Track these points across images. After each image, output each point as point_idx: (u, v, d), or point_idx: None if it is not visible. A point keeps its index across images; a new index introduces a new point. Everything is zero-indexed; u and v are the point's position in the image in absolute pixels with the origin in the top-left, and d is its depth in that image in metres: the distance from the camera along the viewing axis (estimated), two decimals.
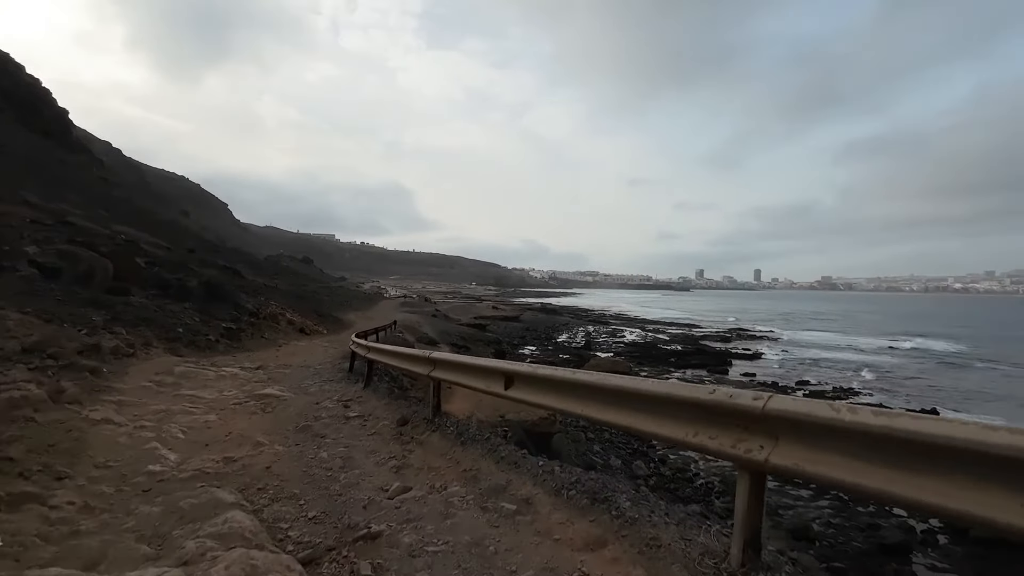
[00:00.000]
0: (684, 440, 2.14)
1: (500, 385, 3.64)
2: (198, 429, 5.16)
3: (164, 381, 7.80)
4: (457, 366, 4.44)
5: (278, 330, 18.60)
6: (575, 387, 2.96)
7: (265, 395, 7.28)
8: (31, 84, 57.26)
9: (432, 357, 4.98)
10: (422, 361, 5.19)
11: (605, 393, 2.73)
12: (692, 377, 32.36)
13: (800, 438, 1.81)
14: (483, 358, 3.86)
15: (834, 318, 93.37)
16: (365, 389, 7.69)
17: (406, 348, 5.89)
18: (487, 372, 3.95)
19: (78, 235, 13.30)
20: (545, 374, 3.29)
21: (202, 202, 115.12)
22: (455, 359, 4.59)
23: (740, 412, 2.02)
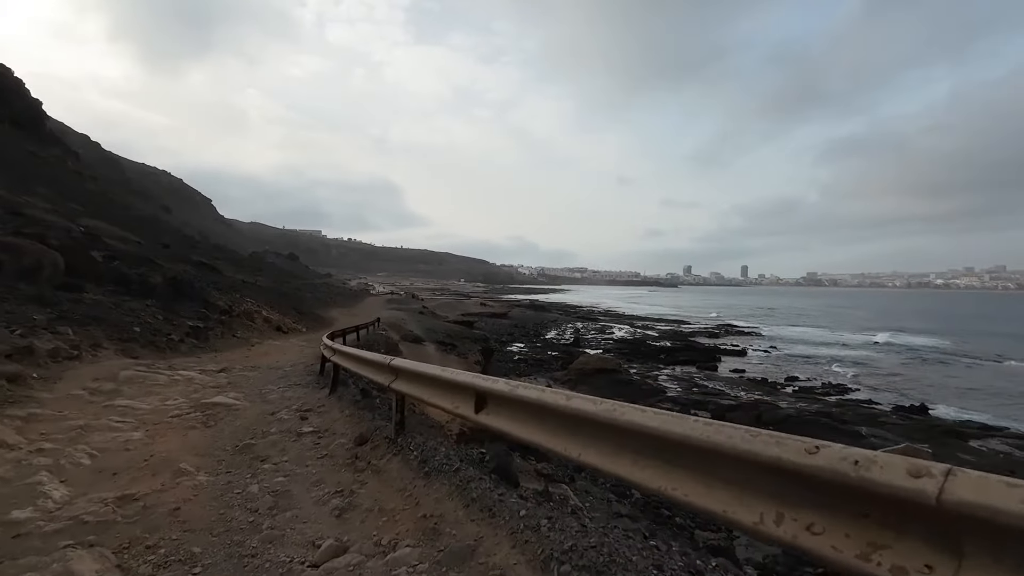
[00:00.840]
0: (754, 528, 1.24)
1: (471, 406, 2.77)
2: (113, 452, 4.25)
3: (101, 388, 6.85)
4: (421, 378, 3.57)
5: (252, 328, 17.56)
6: (570, 419, 2.08)
7: (213, 404, 6.35)
8: (2, 74, 55.05)
9: (393, 365, 4.10)
10: (382, 369, 4.29)
11: (618, 433, 1.81)
12: (682, 374, 31.88)
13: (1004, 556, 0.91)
14: (452, 370, 3.00)
15: (820, 314, 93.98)
16: (330, 396, 6.80)
17: (368, 353, 5.00)
18: (455, 388, 3.08)
19: (27, 226, 12.16)
20: (528, 396, 2.33)
21: (184, 198, 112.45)
22: (419, 369, 3.70)
23: (882, 495, 1.10)
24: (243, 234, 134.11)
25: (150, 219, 49.67)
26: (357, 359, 5.39)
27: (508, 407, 2.49)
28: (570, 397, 2.08)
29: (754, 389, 28.39)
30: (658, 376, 31.49)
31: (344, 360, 6.12)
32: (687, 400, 24.79)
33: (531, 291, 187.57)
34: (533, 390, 2.33)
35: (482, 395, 2.73)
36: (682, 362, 35.55)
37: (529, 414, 2.31)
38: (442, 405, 3.07)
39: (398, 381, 3.90)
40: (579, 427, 1.98)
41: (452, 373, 3.07)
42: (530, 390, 2.34)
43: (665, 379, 30.83)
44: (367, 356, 4.91)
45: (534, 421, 2.27)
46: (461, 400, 2.96)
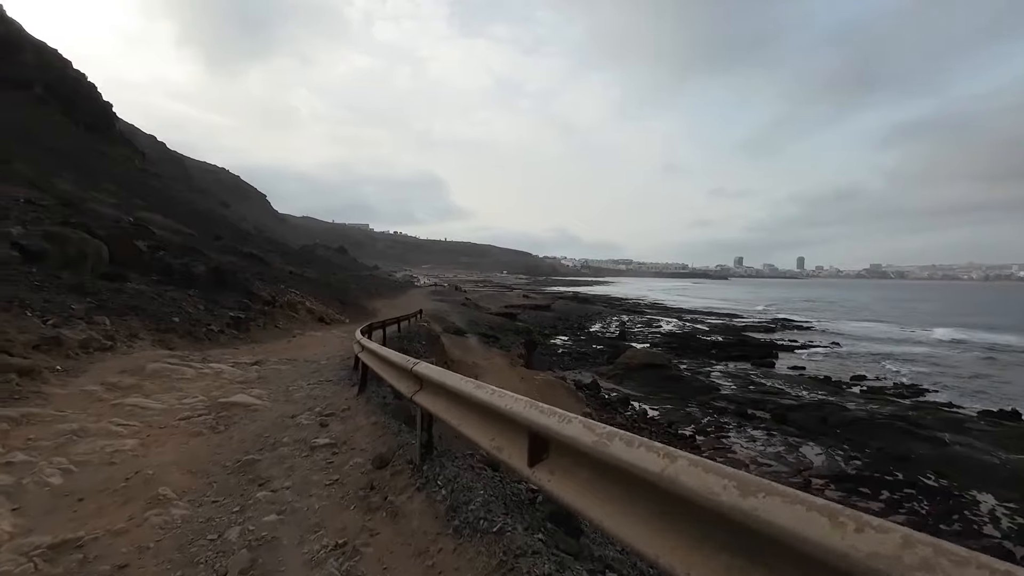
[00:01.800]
0: None
1: (522, 452, 1.82)
2: (93, 467, 3.55)
3: (120, 383, 6.33)
4: (452, 394, 2.61)
5: (295, 319, 17.31)
6: (719, 516, 1.04)
7: (231, 405, 5.67)
8: (77, 79, 58.31)
9: (416, 372, 3.18)
10: (404, 374, 3.39)
11: None
12: (736, 371, 29.94)
13: None
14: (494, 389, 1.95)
15: (886, 308, 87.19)
16: (359, 396, 6.01)
17: (390, 352, 4.11)
18: (498, 418, 2.07)
19: (75, 216, 12.12)
20: (634, 463, 1.26)
21: (241, 194, 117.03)
22: (449, 382, 2.65)
23: None
24: (295, 228, 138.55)
25: (208, 214, 51.49)
26: (379, 358, 4.51)
27: (588, 468, 1.46)
28: (710, 467, 1.06)
29: (817, 388, 26.14)
30: (710, 372, 29.68)
31: (368, 358, 5.28)
32: (743, 399, 23.03)
33: (574, 283, 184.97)
34: (642, 449, 1.28)
35: (541, 438, 1.71)
36: (735, 358, 33.50)
37: (629, 490, 1.25)
38: (477, 441, 2.09)
39: (423, 393, 2.96)
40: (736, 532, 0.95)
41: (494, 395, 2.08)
42: (636, 449, 1.29)
43: (718, 375, 28.99)
44: (388, 356, 4.01)
45: (639, 505, 1.23)
46: (506, 438, 1.98)
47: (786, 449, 17.24)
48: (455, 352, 21.12)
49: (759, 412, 21.14)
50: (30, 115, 42.78)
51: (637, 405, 22.05)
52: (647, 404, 22.34)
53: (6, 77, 46.45)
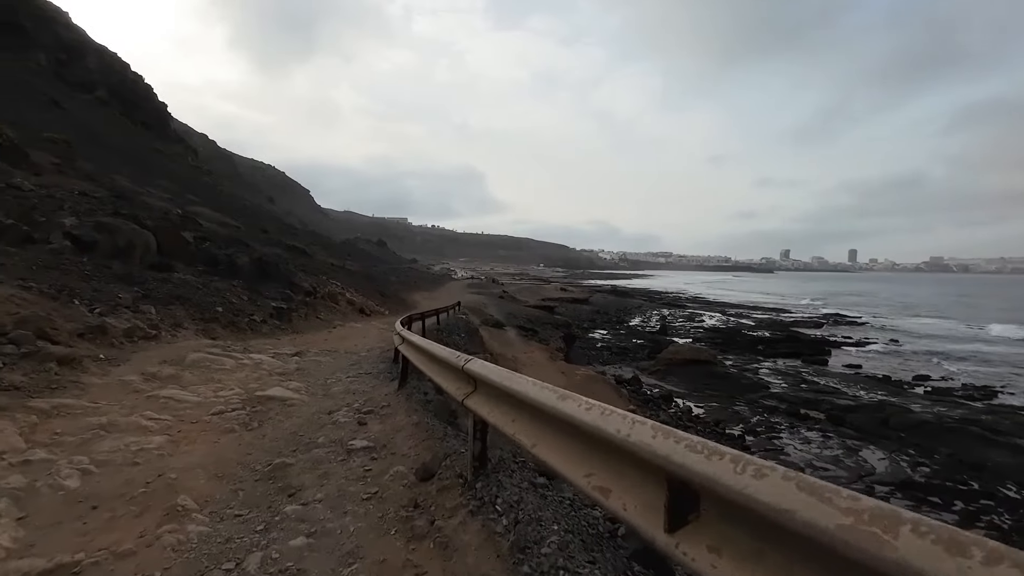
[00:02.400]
0: None
1: (655, 510, 1.16)
2: (115, 467, 3.23)
3: (160, 373, 6.14)
4: (522, 403, 2.03)
5: (336, 310, 17.28)
6: None
7: (267, 399, 5.35)
8: (135, 81, 61.02)
9: (468, 370, 2.61)
10: (453, 372, 2.88)
11: None
12: (786, 368, 28.38)
13: None
14: (596, 403, 1.47)
15: (948, 303, 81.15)
16: (399, 391, 5.59)
17: (436, 347, 3.58)
18: (605, 448, 1.45)
19: (125, 208, 12.29)
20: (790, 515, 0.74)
21: (287, 189, 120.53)
22: (519, 387, 2.05)
23: None
24: (338, 222, 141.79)
25: (255, 209, 52.97)
26: (422, 352, 4.02)
27: (789, 550, 0.86)
28: None
29: (876, 388, 24.37)
30: (758, 369, 28.21)
31: (410, 352, 4.81)
32: (795, 397, 21.69)
33: (612, 276, 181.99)
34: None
35: (687, 487, 1.09)
36: (784, 354, 31.77)
37: None
38: (565, 474, 1.46)
39: (477, 397, 2.42)
40: None
41: (593, 411, 1.47)
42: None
43: (767, 373, 27.52)
44: (434, 350, 3.48)
45: None
46: (619, 479, 1.35)
47: (844, 452, 16.03)
48: (494, 345, 20.72)
49: (813, 412, 19.84)
50: (94, 116, 44.93)
51: (681, 402, 21.12)
52: (691, 401, 21.36)
53: (73, 81, 49.01)
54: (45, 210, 10.42)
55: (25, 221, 9.68)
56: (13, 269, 8.12)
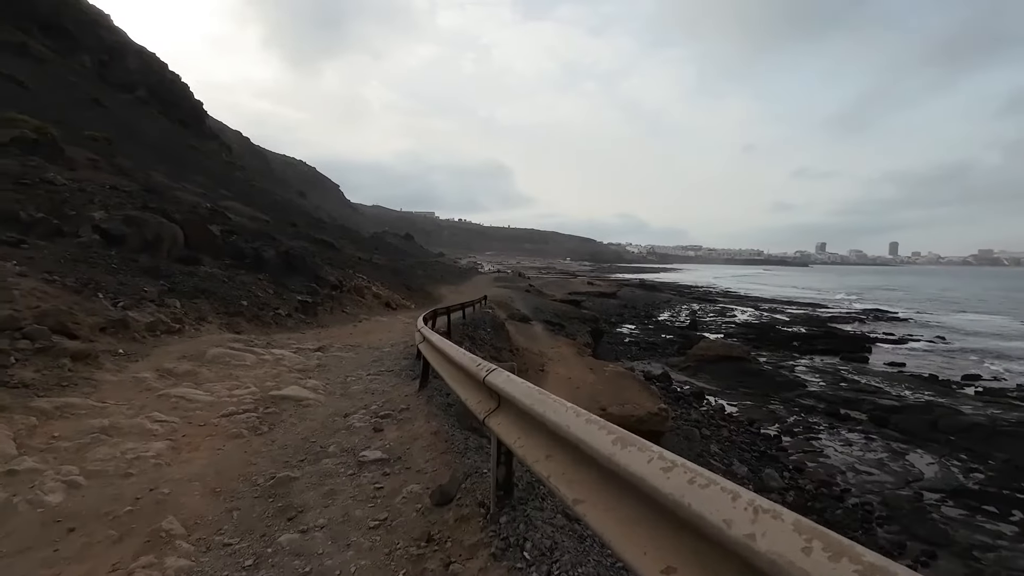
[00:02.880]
0: None
1: None
2: (105, 479, 2.93)
3: (176, 370, 5.93)
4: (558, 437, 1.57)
5: (362, 304, 17.14)
6: None
7: (281, 399, 5.05)
8: (172, 80, 62.67)
9: (492, 384, 2.15)
10: (473, 384, 2.46)
11: None
12: (823, 365, 27.15)
13: None
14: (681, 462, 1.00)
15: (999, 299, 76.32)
16: (419, 393, 5.21)
17: (455, 350, 3.11)
18: (684, 524, 0.92)
19: (154, 201, 12.31)
20: None
21: (317, 184, 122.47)
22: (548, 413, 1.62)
23: None
24: (366, 217, 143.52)
25: (286, 203, 53.80)
26: (441, 356, 3.59)
27: None
28: None
29: (921, 388, 23.03)
30: (794, 367, 27.06)
31: (430, 353, 4.39)
32: (834, 397, 20.65)
33: (640, 270, 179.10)
34: None
35: None
36: (821, 351, 30.43)
37: None
38: (624, 557, 1.02)
39: (500, 416, 1.95)
40: None
41: (668, 472, 1.02)
42: None
43: (803, 370, 26.37)
44: (452, 355, 3.02)
45: None
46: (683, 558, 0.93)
47: (889, 456, 15.07)
48: (520, 340, 20.31)
49: (854, 412, 18.83)
50: (134, 114, 46.25)
51: (713, 400, 20.37)
52: (723, 399, 20.57)
53: (115, 81, 50.56)
54: (75, 204, 10.45)
55: (56, 215, 9.70)
56: (41, 262, 8.09)
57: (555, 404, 1.50)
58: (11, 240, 8.48)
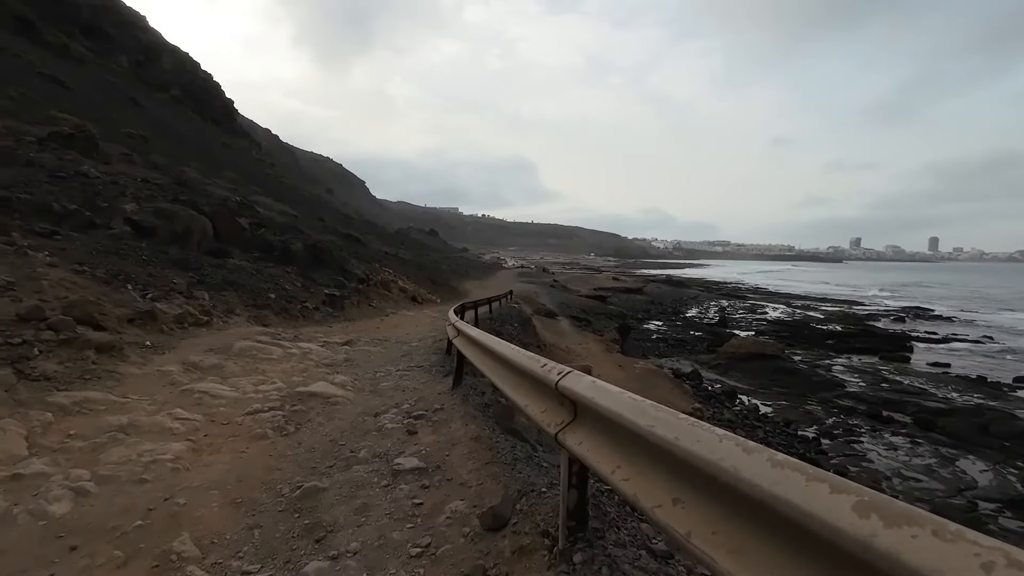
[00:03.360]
0: None
1: None
2: (118, 486, 2.63)
3: (202, 363, 5.70)
4: (665, 453, 1.14)
5: (388, 298, 16.95)
6: None
7: (309, 396, 4.74)
8: (205, 79, 63.96)
9: (565, 389, 1.69)
10: (541, 390, 1.99)
11: None
12: (862, 365, 25.93)
13: None
14: (834, 480, 0.70)
15: None
16: (453, 392, 4.84)
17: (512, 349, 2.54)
18: None
19: (185, 194, 12.28)
20: None
21: (344, 181, 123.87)
22: (658, 429, 1.19)
23: None
24: (392, 212, 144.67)
25: (314, 199, 54.36)
26: (490, 354, 3.08)
27: None
28: None
29: (970, 390, 21.72)
30: (831, 365, 25.88)
31: (471, 351, 3.97)
32: (875, 398, 19.61)
33: (665, 265, 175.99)
34: None
35: None
36: (859, 350, 29.05)
37: None
38: None
39: (578, 431, 1.47)
40: None
41: (866, 512, 0.66)
42: None
43: (841, 370, 25.18)
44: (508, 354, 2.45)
45: None
46: None
47: (938, 462, 14.11)
48: (547, 335, 19.88)
49: (897, 415, 17.80)
50: (168, 113, 47.29)
51: (746, 399, 19.56)
52: (757, 399, 19.72)
53: (150, 81, 51.80)
54: (108, 196, 10.43)
55: (88, 207, 9.67)
56: (72, 253, 8.01)
57: (693, 429, 1.06)
58: (44, 231, 8.44)
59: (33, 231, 8.27)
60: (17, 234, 7.79)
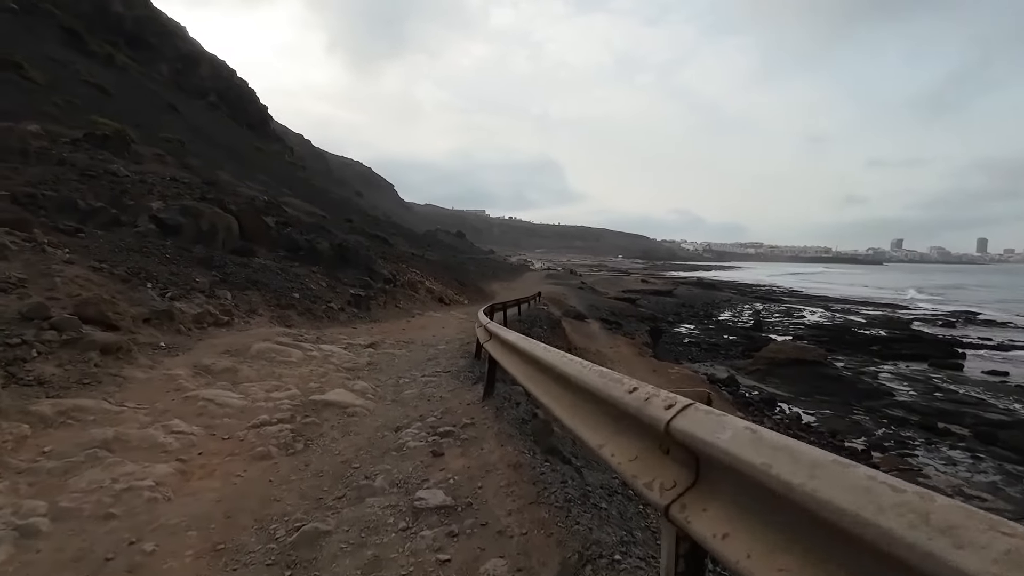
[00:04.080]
0: None
1: None
2: (77, 523, 2.12)
3: (215, 366, 5.26)
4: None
5: (415, 299, 16.54)
6: None
7: (324, 405, 4.21)
8: (240, 86, 65.52)
9: (683, 434, 1.00)
10: (634, 429, 1.25)
11: None
12: (910, 372, 24.31)
13: None
14: None
15: None
16: (484, 403, 4.24)
17: (579, 365, 1.79)
18: None
19: (212, 192, 12.09)
20: None
21: (373, 184, 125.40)
22: (865, 513, 0.66)
23: None
24: (419, 215, 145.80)
25: (343, 202, 54.87)
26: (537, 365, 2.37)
27: None
28: None
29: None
30: (877, 373, 24.34)
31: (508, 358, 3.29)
32: (928, 408, 18.21)
33: (695, 268, 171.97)
34: None
35: None
36: (907, 357, 27.32)
37: None
38: None
39: (708, 505, 0.80)
40: None
41: None
42: None
43: (888, 377, 23.63)
44: (570, 371, 1.60)
45: None
46: None
47: (1004, 479, 12.86)
48: (577, 338, 19.15)
49: (954, 427, 16.43)
50: (205, 119, 48.47)
51: (787, 408, 18.43)
52: (798, 407, 18.56)
53: (189, 88, 53.29)
54: (135, 194, 10.26)
55: (115, 204, 9.49)
56: (95, 251, 7.77)
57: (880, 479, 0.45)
58: (68, 229, 8.24)
59: (56, 228, 8.08)
60: (39, 231, 7.59)
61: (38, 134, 12.31)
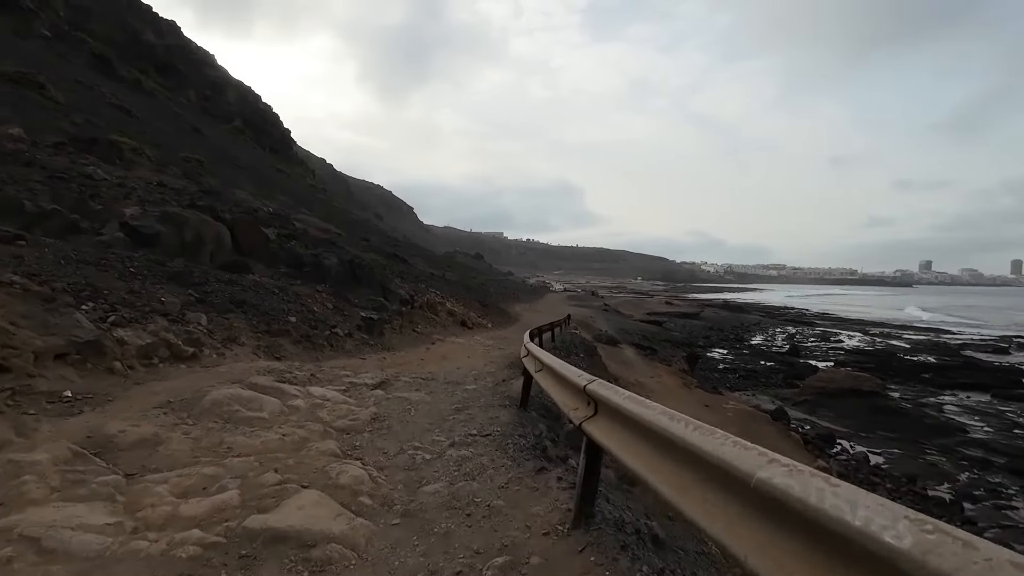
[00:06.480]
0: None
1: None
2: None
3: (121, 438, 3.18)
4: None
5: (435, 322, 14.48)
6: None
7: (273, 540, 2.09)
8: (264, 111, 65.69)
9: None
10: None
11: None
12: (976, 404, 21.32)
13: None
14: None
15: None
16: (576, 531, 2.07)
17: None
18: None
19: (204, 200, 10.29)
20: None
21: (393, 207, 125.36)
22: None
23: None
24: (438, 237, 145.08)
25: (362, 223, 53.65)
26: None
27: None
28: None
29: None
30: (940, 405, 21.31)
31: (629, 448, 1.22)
32: (1011, 447, 15.35)
33: (717, 290, 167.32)
34: None
35: None
36: (965, 386, 24.24)
37: None
38: None
39: None
40: None
41: None
42: None
43: (954, 411, 20.62)
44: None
45: None
46: None
47: None
48: (612, 366, 16.78)
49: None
50: (231, 142, 48.03)
51: (848, 445, 15.68)
52: (861, 445, 15.80)
53: (216, 113, 53.22)
54: (107, 198, 8.47)
55: (76, 209, 7.64)
56: (29, 263, 5.89)
57: None
58: (5, 235, 6.40)
59: None
60: None
61: (18, 137, 10.75)
